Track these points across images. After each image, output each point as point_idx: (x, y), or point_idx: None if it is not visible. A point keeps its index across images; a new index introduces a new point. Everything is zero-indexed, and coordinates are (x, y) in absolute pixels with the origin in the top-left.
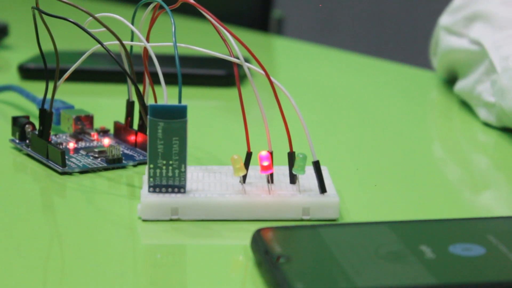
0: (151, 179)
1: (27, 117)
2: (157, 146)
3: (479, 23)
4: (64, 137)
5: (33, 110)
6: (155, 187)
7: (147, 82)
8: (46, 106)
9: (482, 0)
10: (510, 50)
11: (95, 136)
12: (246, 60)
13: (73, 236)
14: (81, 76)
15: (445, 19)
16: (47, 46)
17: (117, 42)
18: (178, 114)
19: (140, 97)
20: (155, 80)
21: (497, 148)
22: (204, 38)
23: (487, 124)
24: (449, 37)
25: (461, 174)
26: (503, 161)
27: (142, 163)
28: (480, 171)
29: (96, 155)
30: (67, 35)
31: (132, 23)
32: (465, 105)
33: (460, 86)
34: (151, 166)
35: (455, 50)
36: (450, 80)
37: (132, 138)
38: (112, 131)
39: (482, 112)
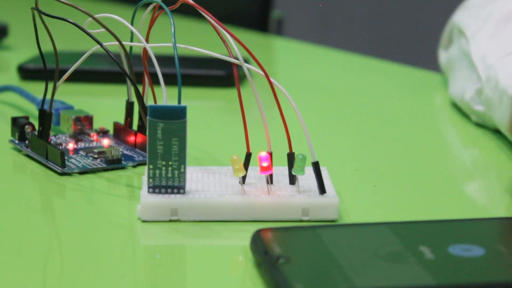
0: (151, 180)
1: (27, 118)
2: (156, 146)
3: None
4: (63, 137)
5: (33, 111)
6: (155, 188)
7: (146, 82)
8: (46, 107)
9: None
10: (492, 59)
11: (94, 136)
12: (246, 61)
13: (72, 237)
14: (80, 76)
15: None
16: (47, 47)
17: (116, 42)
18: (177, 114)
19: (140, 97)
20: (154, 81)
21: (496, 149)
22: (203, 39)
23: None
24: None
25: (460, 174)
26: (502, 161)
27: (142, 163)
28: (480, 172)
29: (96, 156)
30: (67, 35)
31: (132, 24)
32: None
33: (451, 91)
34: (151, 166)
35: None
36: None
37: (131, 138)
38: (111, 132)
39: (474, 117)
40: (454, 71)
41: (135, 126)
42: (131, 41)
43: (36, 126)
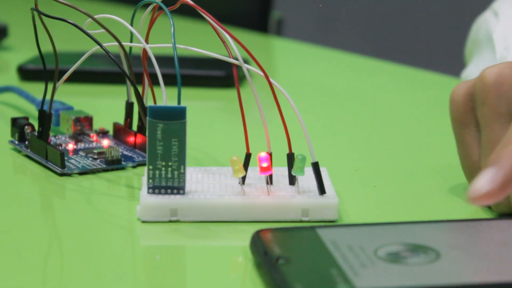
0: (150, 180)
1: (27, 118)
2: (156, 147)
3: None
4: (63, 138)
5: (33, 111)
6: (154, 189)
7: (146, 83)
8: (46, 107)
9: None
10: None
11: (94, 137)
12: (245, 61)
13: (72, 237)
14: (80, 77)
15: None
16: (46, 47)
17: (116, 43)
18: (177, 115)
19: (139, 98)
20: (154, 81)
21: None
22: (203, 39)
23: None
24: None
25: (460, 175)
26: None
27: (141, 164)
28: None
29: (95, 156)
30: (66, 36)
31: (131, 24)
32: None
33: (465, 75)
34: (150, 167)
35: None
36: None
37: (131, 139)
38: (111, 132)
39: None
40: (476, 55)
41: (134, 127)
42: (131, 41)
43: (36, 127)
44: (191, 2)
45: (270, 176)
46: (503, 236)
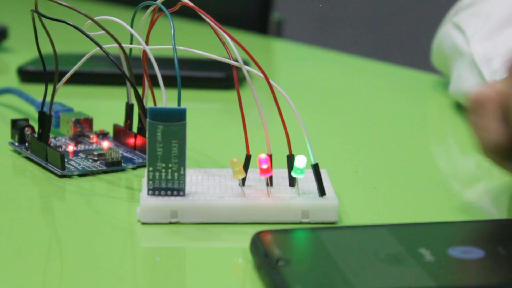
0: (150, 182)
1: (27, 120)
2: (156, 149)
3: (474, 20)
4: (63, 140)
5: (33, 113)
6: (154, 190)
7: (146, 85)
8: (46, 109)
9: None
10: (497, 63)
11: (94, 139)
12: (245, 63)
13: (72, 239)
14: (80, 79)
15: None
16: (47, 49)
17: (116, 45)
18: (177, 117)
19: (140, 100)
20: (154, 83)
21: None
22: (203, 41)
23: None
24: (455, 32)
25: (460, 176)
26: None
27: (142, 166)
28: (480, 173)
29: (96, 158)
30: (67, 38)
31: (131, 26)
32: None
33: (453, 89)
34: (150, 169)
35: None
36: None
37: (131, 141)
38: (111, 134)
39: None
40: (452, 69)
41: (134, 128)
42: (131, 43)
43: (36, 129)
44: (191, 4)
45: (270, 177)
46: (504, 237)
